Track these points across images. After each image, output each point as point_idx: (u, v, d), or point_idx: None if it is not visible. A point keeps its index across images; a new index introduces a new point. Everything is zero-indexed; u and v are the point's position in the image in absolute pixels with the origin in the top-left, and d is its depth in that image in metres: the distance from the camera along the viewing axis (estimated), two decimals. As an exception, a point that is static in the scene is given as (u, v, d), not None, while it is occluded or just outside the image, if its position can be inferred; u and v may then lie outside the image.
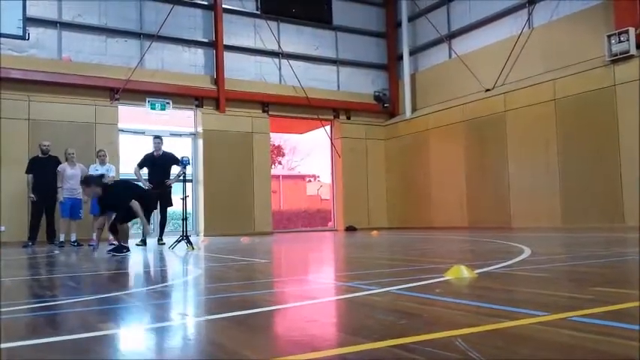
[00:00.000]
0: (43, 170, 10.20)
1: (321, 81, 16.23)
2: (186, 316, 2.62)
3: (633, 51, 10.37)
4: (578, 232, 9.41)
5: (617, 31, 10.61)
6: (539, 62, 12.66)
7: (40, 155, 10.48)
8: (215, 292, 3.44)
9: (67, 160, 10.27)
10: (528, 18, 13.13)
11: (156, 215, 10.63)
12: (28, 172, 10.36)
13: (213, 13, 14.74)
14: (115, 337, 2.12)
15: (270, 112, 15.26)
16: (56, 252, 8.34)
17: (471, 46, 14.70)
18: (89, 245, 9.90)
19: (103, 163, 10.41)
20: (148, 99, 13.43)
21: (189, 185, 11.32)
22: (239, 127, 14.57)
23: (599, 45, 11.01)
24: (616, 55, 10.60)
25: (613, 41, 10.65)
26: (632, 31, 10.41)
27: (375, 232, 12.67)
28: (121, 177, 12.84)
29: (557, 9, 12.57)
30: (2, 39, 11.68)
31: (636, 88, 10.30)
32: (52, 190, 10.04)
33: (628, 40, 10.40)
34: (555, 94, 11.83)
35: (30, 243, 10.13)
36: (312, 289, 3.63)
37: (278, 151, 34.73)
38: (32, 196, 10.24)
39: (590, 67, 11.23)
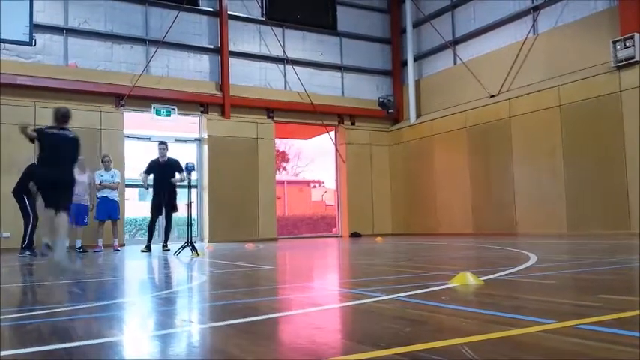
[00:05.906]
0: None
1: (325, 87, 16.25)
2: (191, 323, 2.61)
3: (638, 57, 10.34)
4: (583, 238, 9.37)
5: (622, 37, 10.59)
6: (543, 68, 12.64)
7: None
8: (220, 298, 3.44)
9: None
10: (533, 24, 13.12)
11: (161, 221, 10.64)
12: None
13: (218, 19, 14.81)
14: (119, 343, 2.12)
15: (274, 118, 15.29)
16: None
17: (475, 52, 14.70)
18: (94, 251, 9.93)
19: (107, 169, 10.41)
20: (153, 105, 13.48)
21: (194, 191, 11.31)
22: (244, 133, 14.59)
23: (604, 51, 10.98)
24: (621, 61, 10.56)
25: (618, 47, 10.62)
26: (637, 36, 10.38)
27: (379, 239, 12.64)
28: (126, 183, 12.91)
29: (562, 15, 12.56)
30: (9, 45, 11.76)
31: (642, 94, 10.26)
32: None
33: (633, 45, 10.37)
34: (560, 100, 11.80)
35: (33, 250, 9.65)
36: (317, 295, 3.62)
37: (282, 156, 34.78)
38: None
39: (596, 73, 11.20)
